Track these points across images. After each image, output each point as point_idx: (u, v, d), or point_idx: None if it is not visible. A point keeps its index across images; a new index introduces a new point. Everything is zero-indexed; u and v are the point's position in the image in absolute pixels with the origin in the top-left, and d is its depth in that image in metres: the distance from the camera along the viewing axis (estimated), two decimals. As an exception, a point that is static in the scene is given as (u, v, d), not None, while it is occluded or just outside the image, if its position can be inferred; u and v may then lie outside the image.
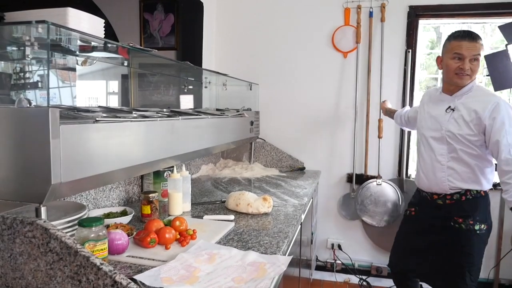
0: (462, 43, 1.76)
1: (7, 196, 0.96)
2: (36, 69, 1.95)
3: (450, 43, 1.81)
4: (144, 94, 2.72)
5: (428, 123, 1.94)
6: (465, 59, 1.76)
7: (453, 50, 1.78)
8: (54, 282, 0.89)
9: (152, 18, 3.05)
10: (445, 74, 1.87)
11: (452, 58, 1.79)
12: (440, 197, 1.87)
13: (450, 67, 1.80)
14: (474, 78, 1.82)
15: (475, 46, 1.75)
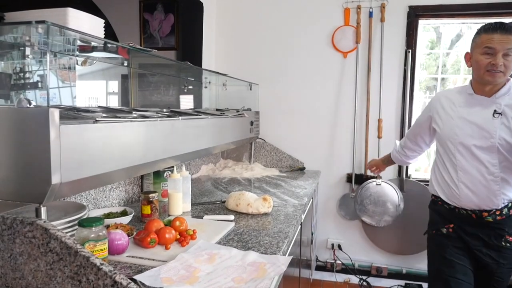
0: (494, 36, 1.55)
1: (7, 196, 0.96)
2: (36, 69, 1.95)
3: (480, 36, 1.60)
4: (144, 94, 2.72)
5: (467, 130, 1.66)
6: (497, 54, 1.55)
7: (483, 44, 1.57)
8: (54, 282, 0.89)
9: (152, 18, 3.05)
10: (475, 72, 1.65)
11: (483, 53, 1.58)
12: (491, 214, 1.64)
13: (480, 63, 1.59)
14: (509, 76, 1.61)
15: (508, 38, 1.54)
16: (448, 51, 3.31)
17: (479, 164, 1.63)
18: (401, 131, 2.87)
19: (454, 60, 3.41)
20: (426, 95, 3.27)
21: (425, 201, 2.86)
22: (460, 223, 1.73)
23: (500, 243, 1.63)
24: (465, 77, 3.35)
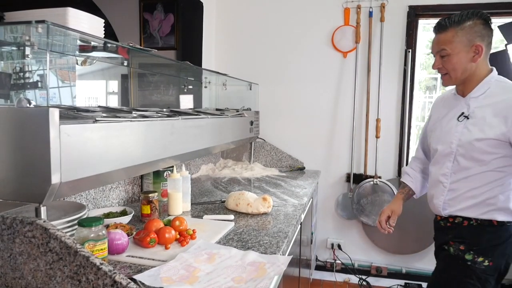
0: (434, 38, 1.45)
1: (6, 196, 0.96)
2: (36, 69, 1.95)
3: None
4: (144, 94, 2.72)
5: (437, 133, 1.54)
6: (436, 56, 1.44)
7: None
8: (53, 282, 0.89)
9: (152, 18, 3.05)
10: None
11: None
12: (442, 219, 1.54)
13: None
14: (463, 77, 1.42)
15: (438, 39, 1.41)
16: (448, 51, 3.31)
17: (438, 170, 1.51)
18: (400, 131, 2.87)
19: (454, 60, 3.40)
20: (426, 95, 3.27)
21: (424, 201, 2.87)
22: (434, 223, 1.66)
23: (443, 247, 1.50)
24: (465, 77, 3.35)
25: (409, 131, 2.90)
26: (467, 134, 1.40)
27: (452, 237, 1.46)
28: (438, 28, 1.42)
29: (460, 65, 1.39)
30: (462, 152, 1.41)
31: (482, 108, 1.39)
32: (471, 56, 1.38)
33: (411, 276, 2.95)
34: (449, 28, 1.37)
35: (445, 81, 1.46)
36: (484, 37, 1.38)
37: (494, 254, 1.38)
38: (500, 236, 1.38)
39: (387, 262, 2.97)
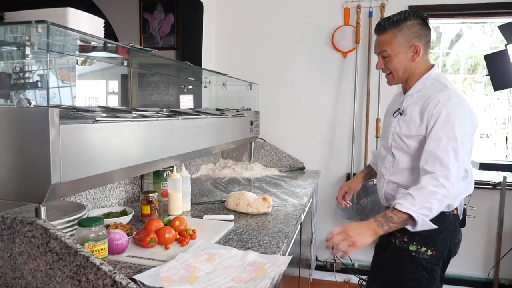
0: (375, 39, 1.48)
1: (6, 196, 0.96)
2: (36, 69, 1.95)
3: None
4: (143, 94, 2.72)
5: (381, 129, 1.62)
6: (378, 56, 1.47)
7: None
8: (53, 282, 0.89)
9: (152, 18, 3.05)
10: None
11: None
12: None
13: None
14: (406, 76, 1.45)
15: (378, 40, 1.45)
16: (448, 51, 3.31)
17: (381, 163, 1.56)
18: (401, 131, 2.87)
19: (454, 60, 3.41)
20: (426, 95, 3.27)
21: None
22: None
23: (390, 238, 1.47)
24: (465, 76, 3.35)
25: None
26: (398, 129, 1.45)
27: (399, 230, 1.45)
28: (378, 29, 1.45)
29: (401, 65, 1.43)
30: (396, 146, 1.46)
31: (412, 105, 1.43)
32: (411, 56, 1.42)
33: (411, 276, 2.95)
34: (388, 29, 1.41)
35: (389, 80, 1.51)
36: (422, 36, 1.42)
37: (436, 243, 1.41)
38: (441, 225, 1.37)
39: (387, 262, 2.97)
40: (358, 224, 1.33)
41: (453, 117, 1.31)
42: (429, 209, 1.27)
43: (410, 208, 1.26)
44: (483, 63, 2.71)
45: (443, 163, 1.28)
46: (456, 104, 1.33)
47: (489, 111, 3.28)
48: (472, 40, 3.31)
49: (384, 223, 1.30)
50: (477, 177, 2.94)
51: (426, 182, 1.28)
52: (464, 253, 2.91)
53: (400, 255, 1.44)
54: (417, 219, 1.26)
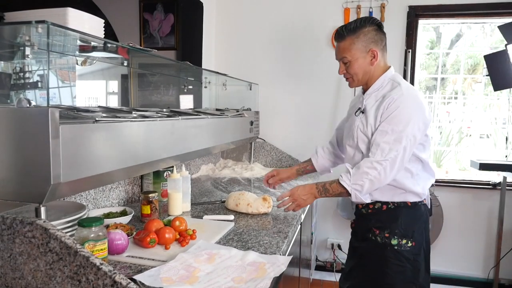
0: (336, 46, 1.56)
1: (7, 196, 0.96)
2: (36, 69, 1.95)
3: None
4: (144, 94, 2.72)
5: (345, 130, 1.69)
6: (339, 63, 1.56)
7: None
8: (53, 282, 0.89)
9: (152, 18, 3.05)
10: None
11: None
12: (363, 206, 1.61)
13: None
14: (366, 79, 1.55)
15: (338, 48, 1.54)
16: (448, 51, 3.32)
17: (351, 162, 1.61)
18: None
19: (454, 60, 3.41)
20: (426, 95, 3.27)
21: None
22: (355, 212, 1.73)
23: (368, 235, 1.56)
24: (465, 76, 3.35)
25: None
26: (361, 127, 1.54)
27: (374, 223, 1.56)
28: (337, 37, 1.54)
29: (361, 69, 1.53)
30: (362, 143, 1.54)
31: (371, 103, 1.53)
32: (369, 60, 1.52)
33: (411, 276, 2.96)
34: (347, 36, 1.50)
35: (350, 83, 1.60)
36: (378, 41, 1.52)
37: (414, 234, 1.51)
38: (415, 215, 1.52)
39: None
40: (302, 189, 1.58)
41: (402, 113, 1.42)
42: (361, 185, 1.44)
43: (345, 182, 1.47)
44: (483, 63, 2.72)
45: (383, 152, 1.42)
46: (407, 100, 1.44)
47: (489, 111, 3.28)
48: (472, 40, 3.31)
49: (322, 192, 1.56)
50: (477, 177, 2.95)
51: (363, 163, 1.45)
52: (464, 253, 2.92)
53: (383, 251, 1.52)
54: (351, 192, 1.46)
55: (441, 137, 3.45)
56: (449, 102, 3.41)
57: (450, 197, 2.88)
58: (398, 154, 1.42)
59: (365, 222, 1.61)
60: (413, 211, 1.52)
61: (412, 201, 1.53)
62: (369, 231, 1.56)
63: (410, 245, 1.50)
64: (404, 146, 1.42)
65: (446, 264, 2.93)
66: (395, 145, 1.42)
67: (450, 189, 2.90)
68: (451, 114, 3.41)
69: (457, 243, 2.92)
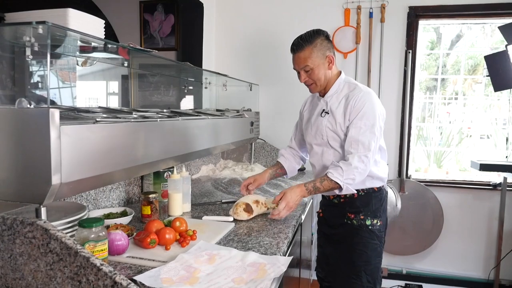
0: (293, 58, 1.68)
1: (7, 197, 0.96)
2: (36, 70, 1.95)
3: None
4: (144, 94, 2.72)
5: (309, 131, 1.79)
6: (300, 72, 1.69)
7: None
8: (54, 282, 0.89)
9: (152, 19, 3.05)
10: None
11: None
12: (335, 197, 1.75)
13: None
14: (326, 83, 1.69)
15: (299, 58, 1.65)
16: (448, 52, 3.32)
17: (319, 160, 1.78)
18: (400, 131, 2.87)
19: (454, 61, 3.41)
20: (426, 95, 3.28)
21: (425, 202, 2.88)
22: (323, 203, 1.89)
23: (343, 221, 1.72)
24: (465, 77, 3.35)
25: (409, 131, 2.90)
26: (329, 125, 1.69)
27: (348, 209, 1.71)
28: (296, 48, 1.66)
29: (322, 75, 1.67)
30: (332, 141, 1.69)
31: (335, 104, 1.69)
32: (327, 65, 1.67)
33: (412, 277, 2.95)
34: (305, 47, 1.63)
35: (313, 89, 1.73)
36: (331, 48, 1.68)
37: (381, 214, 1.72)
38: (380, 198, 1.73)
39: (387, 262, 2.97)
40: (294, 194, 1.63)
41: (369, 108, 1.61)
42: (352, 179, 1.58)
43: (338, 178, 1.57)
44: (483, 63, 2.72)
45: (364, 145, 1.58)
46: (369, 97, 1.63)
47: (489, 111, 3.28)
48: (472, 40, 3.31)
49: (312, 191, 1.63)
50: (478, 177, 2.95)
51: (352, 159, 1.58)
52: (465, 254, 2.92)
53: (359, 231, 1.69)
54: (343, 186, 1.57)
55: (441, 137, 3.45)
56: (450, 102, 3.41)
57: (450, 198, 2.88)
58: (375, 145, 1.61)
59: (337, 211, 1.75)
60: (379, 194, 1.73)
61: (378, 186, 1.73)
62: (343, 217, 1.72)
63: (379, 224, 1.70)
64: (377, 137, 1.62)
65: (446, 264, 2.93)
66: (371, 137, 1.59)
67: (451, 189, 2.89)
68: (451, 115, 3.42)
69: (457, 244, 2.91)
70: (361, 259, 1.68)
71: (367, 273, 1.68)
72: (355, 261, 1.69)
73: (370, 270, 1.69)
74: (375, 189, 1.72)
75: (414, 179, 2.92)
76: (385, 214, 1.77)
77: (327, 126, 1.70)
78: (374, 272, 1.71)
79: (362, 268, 1.68)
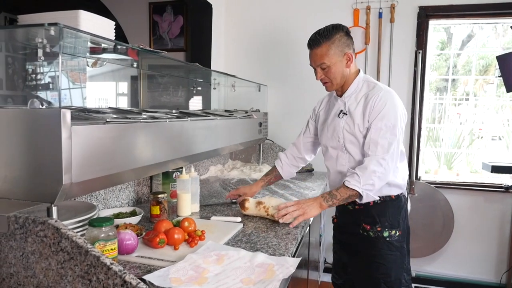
0: (310, 53, 1.60)
1: (19, 196, 0.97)
2: (47, 71, 1.97)
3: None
4: (153, 95, 2.74)
5: (325, 132, 1.72)
6: (316, 69, 1.60)
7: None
8: (64, 281, 0.90)
9: (161, 20, 3.07)
10: None
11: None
12: (350, 203, 1.61)
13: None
14: (342, 81, 1.61)
15: (315, 54, 1.57)
16: (459, 52, 3.28)
17: (333, 164, 1.70)
18: (410, 132, 2.84)
19: (465, 61, 3.37)
20: (437, 96, 3.24)
21: (435, 204, 2.85)
22: (338, 209, 1.80)
23: (359, 231, 1.64)
24: (477, 78, 3.31)
25: (419, 132, 2.87)
26: (347, 127, 1.61)
27: (364, 219, 1.63)
28: (312, 44, 1.58)
29: (339, 73, 1.59)
30: (349, 143, 1.61)
31: (354, 104, 1.61)
32: (345, 63, 1.59)
33: (422, 280, 2.92)
34: (322, 43, 1.55)
35: (328, 87, 1.65)
36: (350, 45, 1.59)
37: (399, 224, 1.63)
38: (398, 207, 1.64)
39: (396, 265, 2.94)
40: (308, 199, 1.57)
41: (390, 109, 1.52)
42: (371, 185, 1.48)
43: (356, 185, 1.48)
44: (495, 64, 2.68)
45: (383, 148, 1.50)
46: (390, 97, 1.56)
47: (501, 112, 3.23)
48: (484, 40, 3.26)
49: (329, 199, 1.53)
50: (489, 179, 2.91)
51: (368, 162, 1.49)
52: (476, 257, 2.88)
53: (376, 244, 1.61)
54: (362, 194, 1.48)
55: (452, 139, 3.41)
56: (460, 103, 3.37)
57: (461, 200, 2.85)
58: (396, 147, 1.52)
59: (352, 218, 1.68)
60: (397, 203, 1.64)
61: (396, 194, 1.63)
62: (359, 226, 1.64)
63: (398, 235, 1.62)
64: (398, 139, 1.53)
65: (457, 268, 2.90)
66: (392, 139, 1.51)
67: (461, 192, 2.86)
68: (462, 116, 3.37)
69: (468, 247, 2.88)
70: (379, 271, 1.60)
71: (388, 285, 1.60)
72: (373, 273, 1.61)
73: (391, 282, 1.60)
74: (392, 197, 1.62)
75: (424, 181, 2.89)
76: (405, 222, 1.67)
77: (344, 128, 1.61)
78: (396, 283, 1.61)
79: (382, 280, 1.60)
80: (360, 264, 1.66)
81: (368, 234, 1.61)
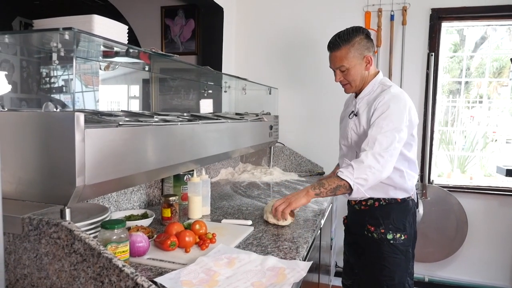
0: (329, 56, 1.64)
1: (33, 198, 0.99)
2: (61, 74, 2.00)
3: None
4: (164, 98, 2.76)
5: (340, 131, 1.77)
6: (336, 71, 1.64)
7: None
8: (77, 282, 0.91)
9: (173, 24, 3.10)
10: None
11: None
12: (356, 203, 1.67)
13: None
14: (362, 84, 1.64)
15: (335, 57, 1.61)
16: (472, 54, 3.23)
17: (342, 160, 1.74)
18: (423, 135, 2.81)
19: (478, 63, 3.32)
20: (449, 99, 3.20)
21: (448, 208, 2.80)
22: (348, 209, 1.82)
23: (364, 232, 1.64)
24: (490, 80, 3.26)
25: (432, 135, 2.83)
26: (355, 128, 1.63)
27: (368, 220, 1.63)
28: (332, 47, 1.62)
29: (358, 75, 1.61)
30: (356, 143, 1.62)
31: (363, 106, 1.62)
32: (364, 66, 1.62)
33: (434, 285, 2.88)
34: (342, 46, 1.58)
35: (347, 89, 1.68)
36: (370, 48, 1.62)
37: (405, 227, 1.61)
38: (404, 210, 1.62)
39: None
40: (296, 191, 1.56)
41: (393, 110, 1.50)
42: (365, 179, 1.44)
43: (348, 177, 1.44)
44: (509, 66, 2.64)
45: (382, 145, 1.46)
46: (396, 99, 1.53)
47: (516, 115, 3.17)
48: (497, 42, 3.21)
49: (316, 187, 1.50)
50: (504, 183, 2.85)
51: (365, 157, 1.46)
52: (490, 262, 2.82)
53: (380, 246, 1.60)
54: (353, 187, 1.44)
55: (465, 142, 3.36)
56: (474, 106, 3.32)
57: (475, 204, 2.80)
58: (395, 146, 1.48)
59: (358, 219, 1.69)
60: (403, 206, 1.62)
61: (402, 197, 1.62)
62: (364, 228, 1.64)
63: (403, 238, 1.60)
64: (398, 140, 1.49)
65: (470, 273, 2.84)
66: (392, 138, 1.47)
67: (475, 195, 2.81)
68: (475, 119, 3.32)
69: (482, 251, 2.83)
70: (382, 273, 1.60)
71: None
72: (376, 275, 1.61)
73: (394, 286, 1.60)
74: (398, 200, 1.61)
75: (436, 184, 2.85)
76: (412, 227, 1.65)
77: (352, 129, 1.64)
78: (399, 287, 1.60)
79: (385, 283, 1.60)
80: (365, 265, 1.67)
81: (372, 236, 1.62)
